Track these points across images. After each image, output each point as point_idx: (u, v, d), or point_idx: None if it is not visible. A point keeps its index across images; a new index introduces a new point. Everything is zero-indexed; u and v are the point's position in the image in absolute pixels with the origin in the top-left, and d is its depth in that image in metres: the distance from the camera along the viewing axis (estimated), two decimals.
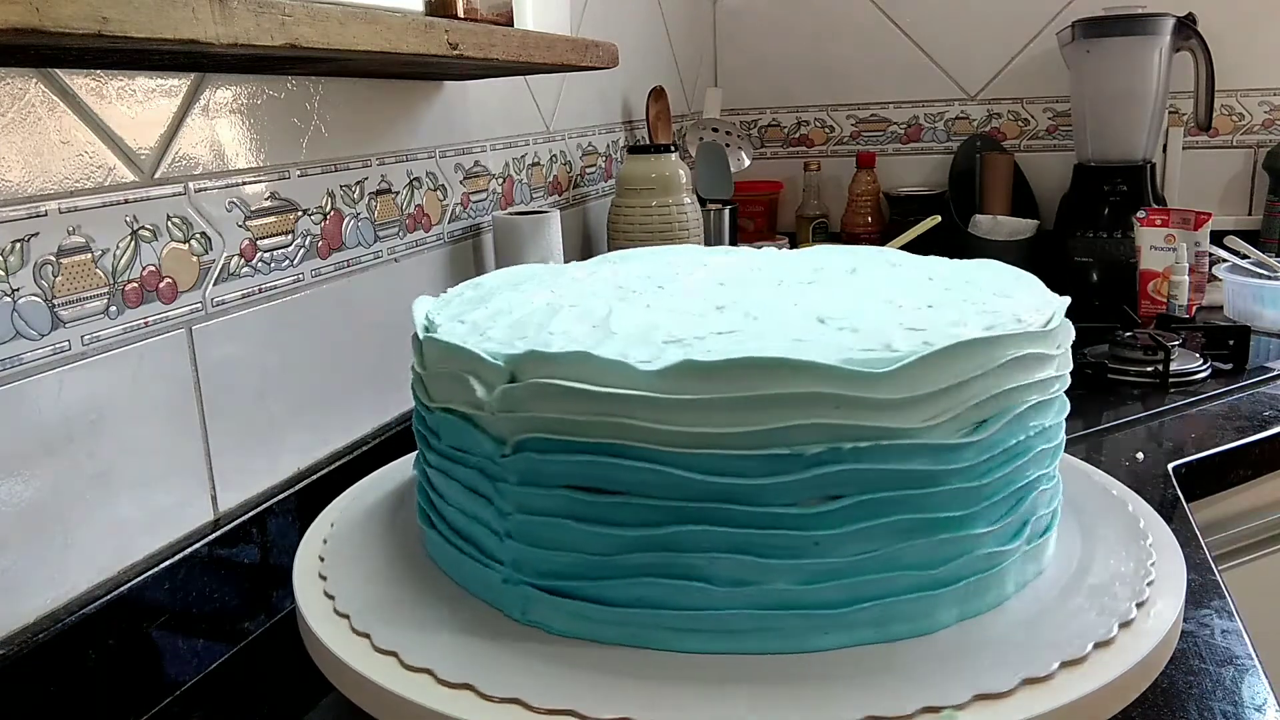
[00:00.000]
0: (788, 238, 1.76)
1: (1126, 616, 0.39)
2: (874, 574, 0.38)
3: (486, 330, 0.45)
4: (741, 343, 0.39)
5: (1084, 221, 1.50)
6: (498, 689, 0.36)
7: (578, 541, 0.39)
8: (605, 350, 0.39)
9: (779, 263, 0.58)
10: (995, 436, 0.40)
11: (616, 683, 0.36)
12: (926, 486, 0.38)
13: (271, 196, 0.72)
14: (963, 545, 0.39)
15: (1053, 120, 1.68)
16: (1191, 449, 0.90)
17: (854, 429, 0.37)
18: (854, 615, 0.38)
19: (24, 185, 0.53)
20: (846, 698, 0.35)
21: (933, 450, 0.38)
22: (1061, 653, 0.37)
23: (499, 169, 1.07)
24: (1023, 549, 0.42)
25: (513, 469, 0.40)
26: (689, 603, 0.38)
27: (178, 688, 0.59)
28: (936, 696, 0.34)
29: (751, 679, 0.37)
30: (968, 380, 0.38)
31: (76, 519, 0.56)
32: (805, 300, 0.46)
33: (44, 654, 0.53)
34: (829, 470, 0.37)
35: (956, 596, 0.40)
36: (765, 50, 1.81)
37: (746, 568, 0.38)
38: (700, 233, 1.26)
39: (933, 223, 1.22)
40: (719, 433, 0.36)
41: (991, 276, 0.51)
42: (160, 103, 0.62)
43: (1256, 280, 1.29)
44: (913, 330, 0.40)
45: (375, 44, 0.60)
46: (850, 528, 0.38)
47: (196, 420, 0.65)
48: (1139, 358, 1.11)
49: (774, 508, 0.37)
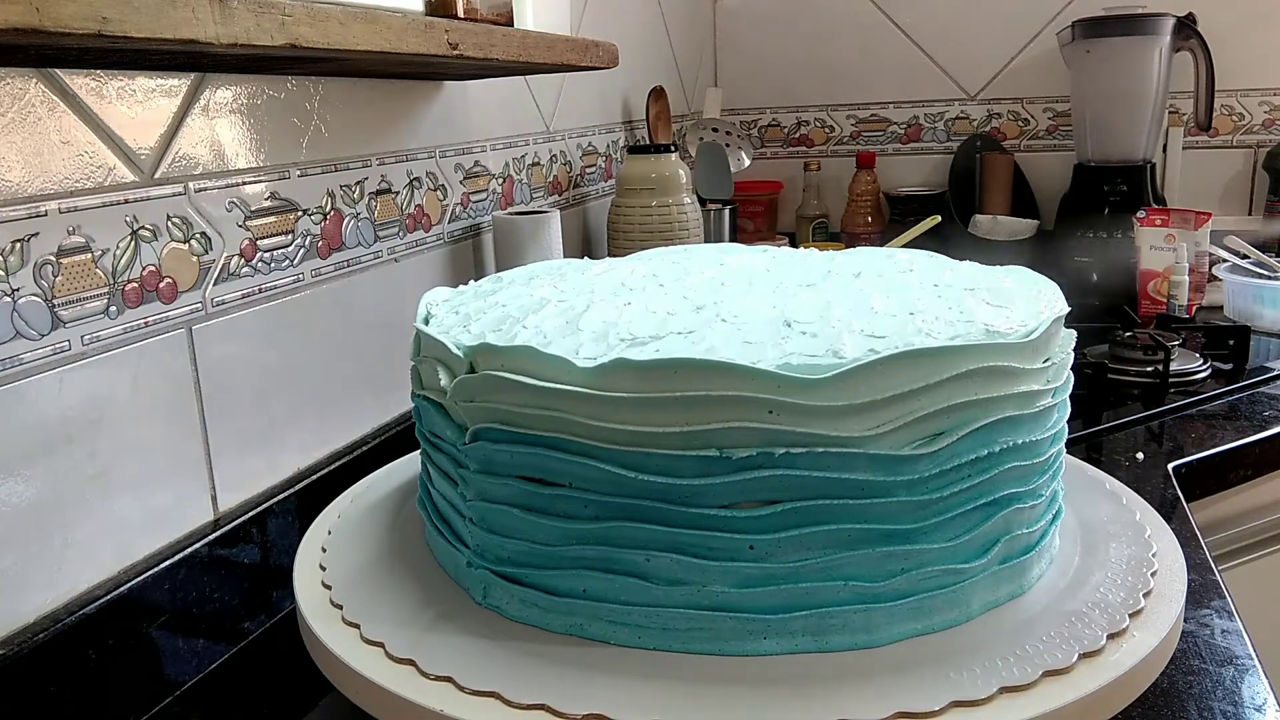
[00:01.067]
0: (788, 238, 1.76)
1: (1091, 647, 0.37)
2: (812, 582, 0.38)
3: (472, 323, 0.46)
4: (694, 343, 0.39)
5: (1084, 221, 1.50)
6: (473, 681, 0.37)
7: (527, 530, 0.40)
8: (560, 346, 0.39)
9: (795, 264, 0.56)
10: (951, 450, 0.38)
11: (561, 672, 0.37)
12: (870, 497, 0.37)
13: (271, 196, 0.72)
14: (911, 560, 0.38)
15: (1053, 120, 1.68)
16: (1191, 449, 0.90)
17: (788, 434, 0.36)
18: (791, 623, 0.38)
19: (24, 185, 0.53)
20: (770, 707, 0.34)
21: (878, 460, 0.37)
22: (1000, 680, 0.36)
23: (499, 169, 1.07)
24: (992, 569, 0.40)
25: (472, 456, 0.41)
26: (628, 598, 0.39)
27: (178, 688, 0.59)
28: (861, 712, 0.34)
29: (687, 678, 0.37)
30: (916, 390, 0.37)
31: (76, 519, 0.56)
32: (788, 303, 0.45)
33: (44, 654, 0.53)
34: (761, 474, 0.37)
35: (905, 613, 0.38)
36: (765, 50, 1.81)
37: (682, 567, 0.38)
38: (700, 233, 1.26)
39: (933, 223, 1.22)
40: (652, 432, 0.37)
41: (1005, 283, 0.49)
42: (160, 103, 0.62)
43: (1256, 280, 1.29)
44: (873, 337, 0.39)
45: (375, 44, 0.60)
46: (787, 533, 0.37)
47: (196, 420, 0.65)
48: (1139, 358, 1.11)
49: (708, 509, 0.37)
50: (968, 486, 0.39)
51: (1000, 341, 0.39)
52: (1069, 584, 0.43)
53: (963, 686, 0.35)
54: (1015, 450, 0.40)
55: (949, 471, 0.38)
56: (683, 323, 0.42)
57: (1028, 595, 0.42)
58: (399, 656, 0.39)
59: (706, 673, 0.37)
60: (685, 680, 0.36)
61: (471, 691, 0.36)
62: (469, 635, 0.40)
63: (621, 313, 0.44)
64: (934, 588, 0.39)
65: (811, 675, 0.36)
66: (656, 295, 0.49)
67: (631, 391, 0.37)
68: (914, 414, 0.37)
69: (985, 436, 0.39)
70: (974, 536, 0.40)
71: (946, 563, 0.39)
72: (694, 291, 0.49)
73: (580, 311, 0.45)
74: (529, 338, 0.41)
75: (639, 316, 0.44)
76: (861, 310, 0.43)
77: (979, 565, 0.40)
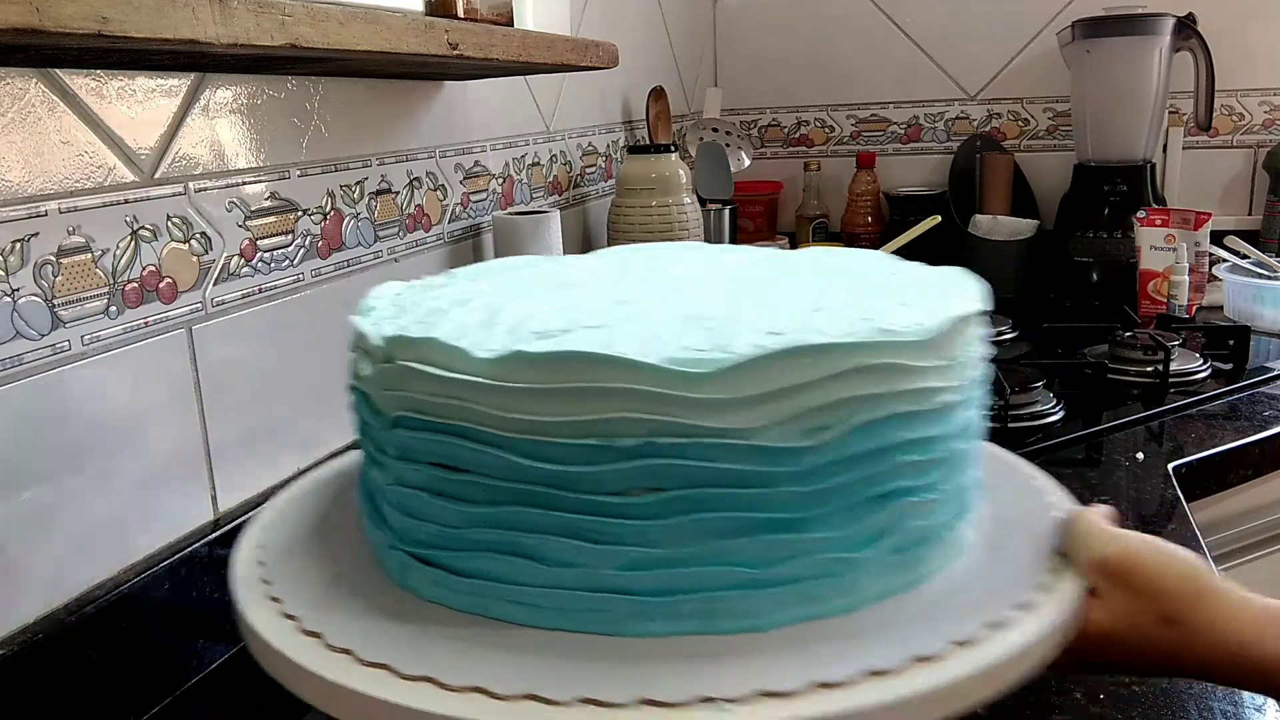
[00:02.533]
0: (787, 238, 1.76)
1: (965, 637, 0.38)
2: (698, 567, 0.39)
3: (404, 315, 0.48)
4: (597, 337, 0.41)
5: (1084, 221, 1.50)
6: (370, 654, 0.38)
7: (436, 514, 0.42)
8: (471, 339, 0.41)
9: (751, 264, 0.58)
10: (839, 443, 0.39)
11: (456, 648, 0.39)
12: (755, 486, 0.39)
13: (271, 196, 0.72)
14: (797, 548, 0.39)
15: (1053, 120, 1.68)
16: (1191, 449, 0.90)
17: (672, 425, 0.38)
18: (678, 605, 0.39)
19: (24, 185, 0.53)
20: (655, 685, 0.36)
21: (762, 451, 0.38)
22: (868, 663, 0.37)
23: (499, 169, 1.07)
24: (885, 559, 0.41)
25: (391, 443, 0.44)
26: (525, 579, 0.40)
27: (178, 688, 0.59)
28: (717, 689, 0.35)
29: (576, 657, 0.38)
30: (800, 385, 0.38)
31: (76, 519, 0.56)
32: (709, 300, 0.47)
33: (44, 654, 0.53)
34: (647, 463, 0.38)
35: (791, 597, 0.40)
36: (765, 50, 1.81)
37: (574, 551, 0.39)
38: (700, 233, 1.26)
39: (933, 223, 1.22)
40: (544, 420, 0.39)
41: (933, 284, 0.50)
42: (160, 103, 0.62)
43: (1256, 280, 1.30)
44: (770, 334, 0.40)
45: (375, 44, 0.60)
46: (672, 520, 0.39)
47: (196, 420, 0.65)
48: (1139, 358, 1.11)
49: (597, 495, 0.39)
50: (855, 479, 0.40)
51: (892, 340, 0.40)
52: (967, 576, 0.44)
53: (828, 667, 0.36)
54: (910, 445, 0.41)
55: (837, 464, 0.40)
56: (597, 317, 0.44)
57: (925, 585, 0.43)
58: (302, 622, 0.41)
59: (598, 652, 0.39)
60: (573, 659, 0.38)
61: (366, 663, 0.38)
62: (378, 613, 0.42)
63: (542, 308, 0.46)
64: (821, 575, 0.40)
65: (701, 654, 0.38)
66: (586, 292, 0.50)
67: (525, 382, 0.39)
68: (799, 408, 0.38)
69: (874, 431, 0.40)
70: (863, 527, 0.41)
71: (834, 551, 0.40)
72: (629, 288, 0.50)
73: (503, 306, 0.47)
74: (447, 330, 0.43)
75: (557, 311, 0.45)
76: (772, 308, 0.45)
77: (869, 555, 0.41)
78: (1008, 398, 0.93)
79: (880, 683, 0.36)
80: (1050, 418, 0.96)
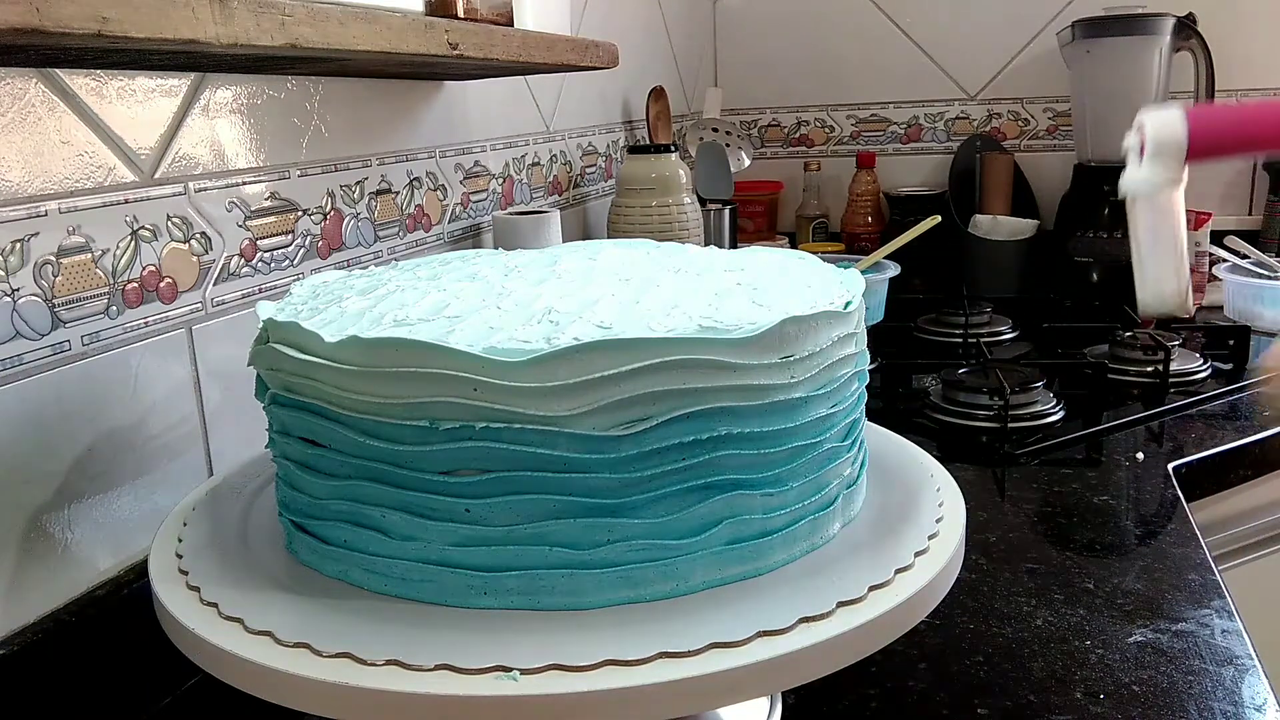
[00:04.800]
0: (787, 238, 1.76)
1: (769, 626, 0.39)
2: (521, 546, 0.42)
3: (308, 301, 0.51)
4: (449, 327, 0.43)
5: (1084, 221, 1.50)
6: (229, 609, 0.42)
7: (305, 485, 0.46)
8: (337, 325, 0.44)
9: (661, 261, 0.59)
10: (656, 433, 0.41)
11: (321, 613, 0.42)
12: (572, 471, 0.41)
13: (271, 196, 0.72)
14: (616, 532, 0.42)
15: (1053, 120, 1.68)
16: (1191, 449, 0.90)
17: (491, 410, 0.40)
18: (505, 581, 0.42)
19: (24, 185, 0.53)
20: (470, 648, 0.39)
21: (578, 438, 0.41)
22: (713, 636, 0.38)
23: (499, 169, 1.07)
24: (715, 549, 0.43)
25: (273, 418, 0.47)
26: (374, 550, 0.44)
27: (178, 687, 0.59)
28: (507, 659, 0.38)
29: (423, 625, 0.41)
30: (612, 376, 0.40)
31: (76, 519, 0.56)
32: (576, 295, 0.48)
33: (44, 654, 0.53)
34: (470, 445, 0.41)
35: (614, 581, 0.42)
36: (765, 50, 1.81)
37: (411, 525, 0.42)
38: (700, 233, 1.26)
39: (933, 223, 1.22)
40: (380, 402, 0.42)
41: (809, 282, 0.51)
42: (160, 103, 0.62)
43: (1256, 280, 1.30)
44: (598, 327, 0.42)
45: (375, 44, 0.60)
46: (497, 500, 0.41)
47: (197, 420, 0.65)
48: (1139, 358, 1.11)
49: (427, 474, 0.42)
50: (676, 469, 0.42)
51: (711, 337, 0.42)
52: (805, 570, 0.45)
53: (672, 640, 0.38)
54: (737, 439, 0.43)
55: (654, 453, 0.42)
56: (464, 308, 0.46)
57: (764, 576, 0.45)
58: (187, 579, 0.44)
59: (439, 621, 0.41)
60: (419, 626, 0.41)
61: (226, 618, 0.41)
62: (257, 576, 0.46)
63: (426, 299, 0.48)
64: (642, 560, 0.42)
65: (529, 630, 0.41)
66: (482, 285, 0.51)
67: (360, 365, 0.42)
68: (610, 398, 0.40)
69: (696, 423, 0.42)
70: (686, 516, 0.43)
71: (655, 537, 0.42)
72: (520, 282, 0.52)
73: (392, 296, 0.49)
74: (326, 317, 0.46)
75: (435, 303, 0.48)
76: (629, 304, 0.46)
77: (695, 543, 0.43)
78: (1008, 398, 0.93)
79: (674, 664, 0.38)
80: (1050, 418, 0.96)
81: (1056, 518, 0.77)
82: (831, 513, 0.48)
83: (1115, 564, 0.68)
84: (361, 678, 0.37)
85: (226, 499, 0.54)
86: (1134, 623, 0.61)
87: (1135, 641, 0.59)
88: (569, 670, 0.37)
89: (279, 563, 0.47)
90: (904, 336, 1.30)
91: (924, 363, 1.16)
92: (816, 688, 0.39)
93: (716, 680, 0.37)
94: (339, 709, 0.38)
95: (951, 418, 0.97)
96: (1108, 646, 0.58)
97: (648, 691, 0.37)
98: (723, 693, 0.38)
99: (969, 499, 0.51)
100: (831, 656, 0.40)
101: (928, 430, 0.96)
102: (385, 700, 0.37)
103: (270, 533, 0.50)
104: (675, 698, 0.37)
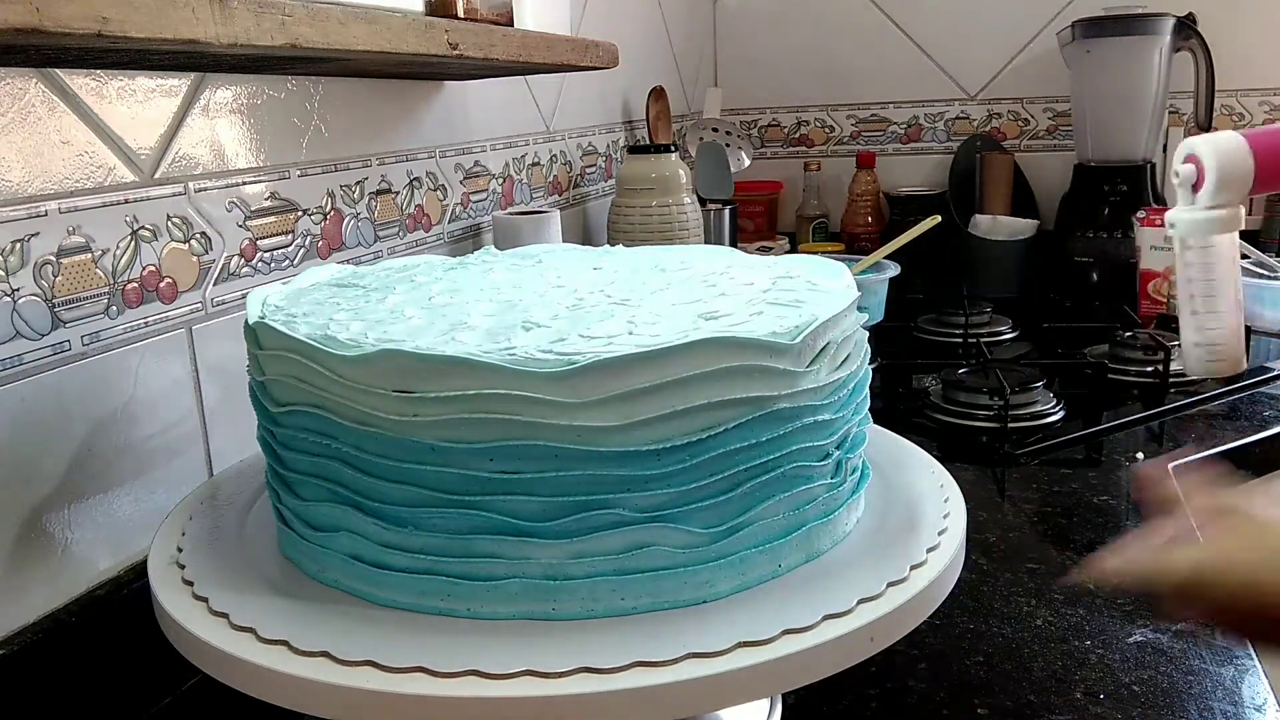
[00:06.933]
0: (787, 238, 1.76)
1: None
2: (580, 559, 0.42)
3: (296, 301, 0.52)
4: (409, 334, 0.45)
5: (1084, 221, 1.50)
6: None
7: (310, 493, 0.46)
8: (306, 323, 0.46)
9: (632, 264, 0.60)
10: (704, 444, 0.42)
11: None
12: (621, 490, 0.41)
13: (271, 196, 0.72)
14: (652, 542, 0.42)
15: (1053, 120, 1.68)
16: (1191, 449, 0.90)
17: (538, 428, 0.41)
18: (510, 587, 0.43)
19: (24, 185, 0.53)
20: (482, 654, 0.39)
21: (623, 456, 0.41)
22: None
23: (499, 169, 1.07)
24: (742, 554, 0.43)
25: (277, 427, 0.48)
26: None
27: (178, 687, 0.59)
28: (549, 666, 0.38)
29: (420, 630, 0.41)
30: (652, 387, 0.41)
31: (76, 519, 0.56)
32: (552, 305, 0.49)
33: (44, 654, 0.53)
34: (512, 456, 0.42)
35: (643, 586, 0.42)
36: (765, 50, 1.81)
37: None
38: (700, 233, 1.26)
39: (933, 223, 1.22)
40: (407, 420, 0.42)
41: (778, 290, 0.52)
42: (160, 103, 0.62)
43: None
44: (585, 337, 0.43)
45: (375, 44, 0.60)
46: (554, 522, 0.42)
47: (197, 420, 0.65)
48: (1139, 358, 1.11)
49: (470, 476, 0.42)
50: (721, 478, 0.42)
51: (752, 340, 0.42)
52: (784, 584, 0.44)
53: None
54: (768, 444, 0.43)
55: (702, 464, 0.42)
56: (431, 317, 0.48)
57: (784, 577, 0.45)
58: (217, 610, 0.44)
59: (433, 625, 0.42)
60: (445, 634, 0.41)
61: (223, 618, 0.42)
62: (257, 576, 0.46)
63: (400, 305, 0.50)
64: (677, 565, 0.42)
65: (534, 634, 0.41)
66: (457, 296, 0.52)
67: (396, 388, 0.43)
68: (657, 411, 0.41)
69: (743, 431, 0.42)
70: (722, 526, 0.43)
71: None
72: (494, 292, 0.53)
73: (365, 304, 0.51)
74: (308, 316, 0.48)
75: (392, 310, 0.49)
76: (614, 314, 0.47)
77: (724, 548, 0.43)
78: (1008, 398, 0.93)
79: (700, 663, 0.38)
80: (1050, 418, 0.96)
81: (1056, 518, 0.77)
82: (843, 514, 0.48)
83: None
84: (378, 682, 0.37)
85: (226, 499, 0.54)
86: (1134, 623, 0.61)
87: (1135, 641, 0.59)
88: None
89: (279, 563, 0.47)
90: (904, 336, 1.30)
91: (924, 363, 1.16)
92: (816, 688, 0.39)
93: (740, 677, 0.38)
94: (357, 713, 0.38)
95: (951, 418, 0.97)
96: (1108, 646, 0.58)
97: (675, 689, 0.37)
98: (745, 690, 0.39)
99: (969, 499, 0.51)
100: (850, 652, 0.40)
101: (928, 430, 0.96)
102: (407, 704, 0.37)
103: (270, 533, 0.50)
104: (700, 695, 0.37)
